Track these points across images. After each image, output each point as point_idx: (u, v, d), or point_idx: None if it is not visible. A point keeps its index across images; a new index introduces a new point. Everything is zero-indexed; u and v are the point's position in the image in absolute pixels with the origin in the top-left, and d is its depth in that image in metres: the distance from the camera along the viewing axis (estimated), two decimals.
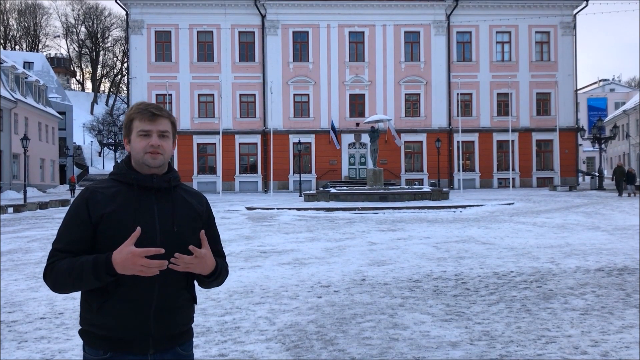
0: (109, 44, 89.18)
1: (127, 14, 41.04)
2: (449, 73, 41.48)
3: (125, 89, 63.93)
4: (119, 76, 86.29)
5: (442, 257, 10.25)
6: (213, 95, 40.43)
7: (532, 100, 42.07)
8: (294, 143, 39.70)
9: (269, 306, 6.70)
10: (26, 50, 79.22)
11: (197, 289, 2.26)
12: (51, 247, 2.09)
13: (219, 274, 2.19)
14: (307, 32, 41.15)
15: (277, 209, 21.40)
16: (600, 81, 79.78)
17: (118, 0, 40.45)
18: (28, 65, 60.40)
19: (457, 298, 6.99)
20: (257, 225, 16.45)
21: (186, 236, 2.08)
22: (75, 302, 6.51)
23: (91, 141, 72.95)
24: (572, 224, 15.60)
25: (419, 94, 41.62)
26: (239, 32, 40.99)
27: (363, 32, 41.40)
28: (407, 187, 31.55)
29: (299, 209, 21.15)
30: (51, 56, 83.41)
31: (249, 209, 22.24)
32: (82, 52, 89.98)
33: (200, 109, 40.92)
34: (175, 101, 40.37)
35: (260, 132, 40.61)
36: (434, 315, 6.15)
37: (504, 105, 41.70)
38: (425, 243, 12.09)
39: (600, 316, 6.03)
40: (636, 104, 52.34)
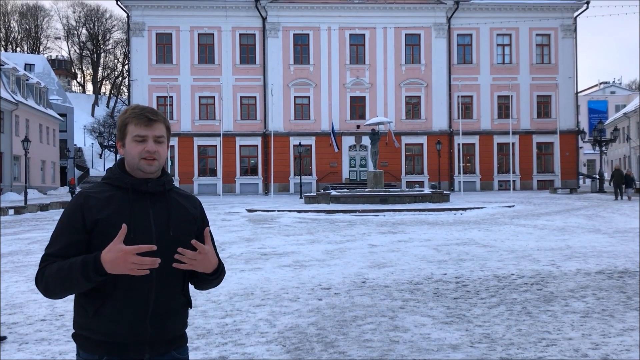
0: (110, 46, 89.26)
1: (128, 16, 41.09)
2: (449, 75, 41.49)
3: (126, 91, 63.93)
4: (120, 78, 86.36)
5: (443, 259, 10.24)
6: (214, 97, 40.49)
7: (533, 102, 42.06)
8: (294, 145, 39.69)
9: (270, 308, 6.70)
10: (27, 53, 79.22)
11: (192, 292, 2.24)
12: (44, 252, 2.05)
13: (221, 272, 2.18)
14: (308, 35, 41.19)
15: (278, 211, 21.38)
16: (600, 84, 79.79)
17: (119, 3, 40.50)
18: (29, 67, 60.54)
19: (457, 300, 6.98)
20: (258, 227, 16.44)
21: (182, 239, 2.06)
22: None
23: (92, 143, 72.95)
24: (573, 226, 15.58)
25: (419, 97, 41.63)
26: (240, 34, 41.04)
27: (364, 35, 41.43)
28: (407, 189, 31.56)
29: (299, 211, 21.13)
30: (52, 58, 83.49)
31: (249, 211, 22.23)
32: (83, 54, 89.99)
33: (201, 111, 40.93)
34: (176, 103, 40.41)
35: (261, 134, 40.62)
36: (435, 318, 6.15)
37: (504, 108, 41.70)
38: (425, 245, 12.08)
39: (600, 319, 6.03)
40: (636, 107, 52.34)
